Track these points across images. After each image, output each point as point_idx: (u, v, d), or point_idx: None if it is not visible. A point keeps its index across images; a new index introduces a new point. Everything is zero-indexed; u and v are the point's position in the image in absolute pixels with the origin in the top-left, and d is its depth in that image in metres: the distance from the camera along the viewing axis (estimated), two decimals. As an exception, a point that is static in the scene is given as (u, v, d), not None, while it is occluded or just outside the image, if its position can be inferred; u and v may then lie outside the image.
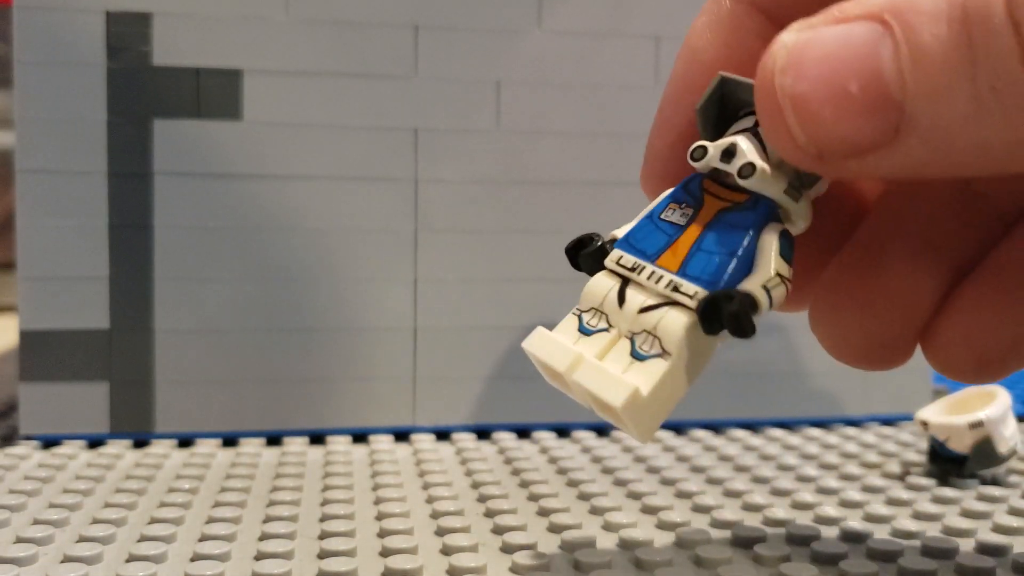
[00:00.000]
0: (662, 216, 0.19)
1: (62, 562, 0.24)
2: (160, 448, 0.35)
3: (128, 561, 0.24)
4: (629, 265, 0.19)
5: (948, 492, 0.31)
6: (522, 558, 0.24)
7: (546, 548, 0.26)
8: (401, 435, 0.38)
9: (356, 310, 0.37)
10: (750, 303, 0.18)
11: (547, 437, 0.37)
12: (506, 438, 0.37)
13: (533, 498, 0.30)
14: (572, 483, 0.31)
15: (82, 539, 0.25)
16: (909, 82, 0.14)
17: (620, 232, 0.20)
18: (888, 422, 0.41)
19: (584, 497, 0.30)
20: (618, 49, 0.38)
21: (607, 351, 0.19)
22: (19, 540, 0.25)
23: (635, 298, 0.19)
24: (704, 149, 0.19)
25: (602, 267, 0.20)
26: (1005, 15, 0.13)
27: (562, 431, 0.39)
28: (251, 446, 0.35)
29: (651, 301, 0.19)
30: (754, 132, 0.19)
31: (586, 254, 0.20)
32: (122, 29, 0.35)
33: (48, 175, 0.35)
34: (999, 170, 0.15)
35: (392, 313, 0.37)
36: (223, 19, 0.36)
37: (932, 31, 0.14)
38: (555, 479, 0.32)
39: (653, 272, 0.19)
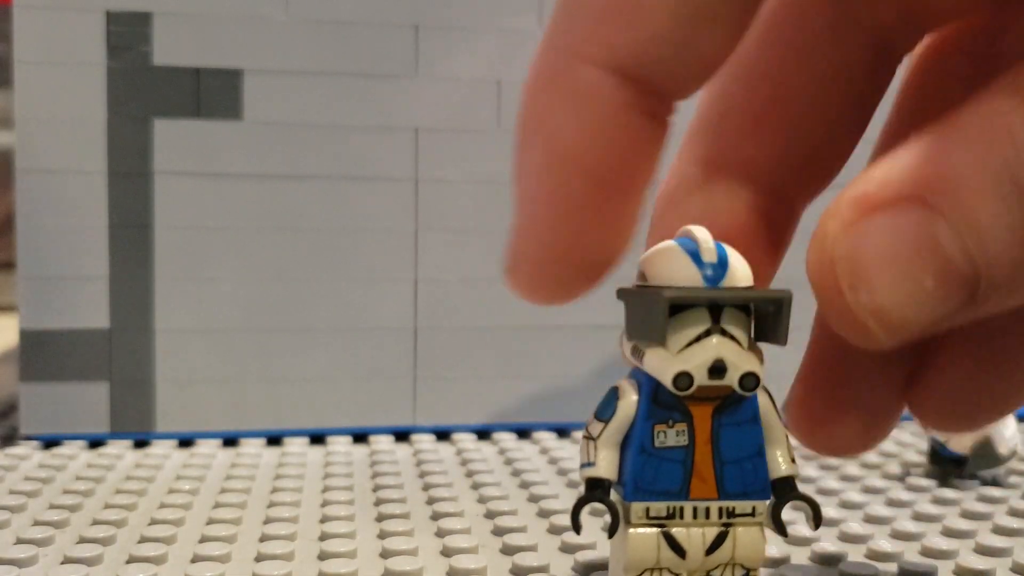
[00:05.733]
0: (657, 445, 0.18)
1: (62, 563, 0.24)
2: (160, 448, 0.35)
3: (128, 562, 0.24)
4: (664, 514, 0.18)
5: (948, 493, 0.31)
6: (523, 560, 0.24)
7: (547, 550, 0.26)
8: (401, 435, 0.38)
9: (356, 310, 0.37)
10: (809, 500, 0.19)
11: (547, 437, 0.37)
12: (506, 438, 0.37)
13: (533, 499, 0.30)
14: (572, 484, 0.31)
15: (82, 540, 0.25)
16: (981, 264, 0.14)
17: (599, 472, 0.19)
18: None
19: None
20: (618, 49, 0.38)
21: None
22: (19, 541, 0.25)
23: (694, 543, 0.18)
24: (689, 377, 0.18)
25: (614, 525, 0.19)
26: None
27: (562, 431, 0.38)
28: (251, 446, 0.35)
29: (710, 537, 0.18)
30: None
31: (605, 521, 0.19)
32: (122, 29, 0.35)
33: (48, 175, 0.35)
34: None
35: (392, 313, 0.37)
36: (223, 19, 0.35)
37: (988, 211, 0.14)
38: (555, 479, 0.32)
39: (696, 508, 0.18)
